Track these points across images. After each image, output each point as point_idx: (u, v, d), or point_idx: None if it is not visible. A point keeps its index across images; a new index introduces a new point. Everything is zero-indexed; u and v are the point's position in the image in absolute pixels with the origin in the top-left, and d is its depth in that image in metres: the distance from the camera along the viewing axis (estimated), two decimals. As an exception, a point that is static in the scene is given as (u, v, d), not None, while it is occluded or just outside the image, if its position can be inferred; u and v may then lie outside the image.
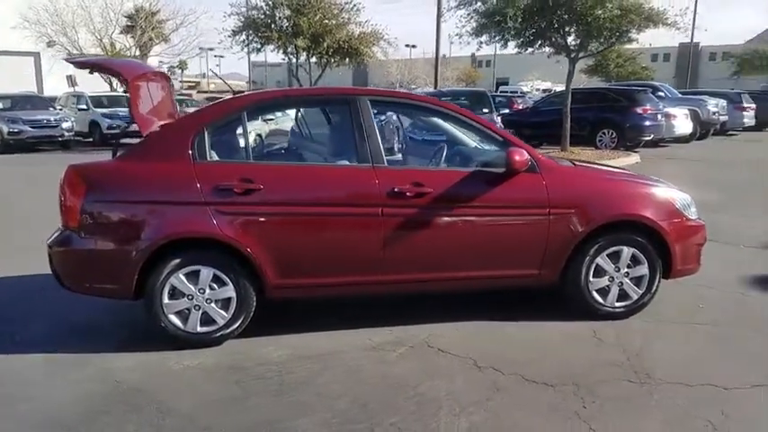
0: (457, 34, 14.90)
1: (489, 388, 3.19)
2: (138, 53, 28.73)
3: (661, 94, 19.21)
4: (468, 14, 14.43)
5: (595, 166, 4.85)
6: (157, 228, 3.58)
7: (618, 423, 2.85)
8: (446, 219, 3.83)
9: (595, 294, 4.08)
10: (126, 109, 19.91)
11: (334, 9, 19.84)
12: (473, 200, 3.84)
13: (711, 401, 3.04)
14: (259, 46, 20.86)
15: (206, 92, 50.10)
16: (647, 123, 15.57)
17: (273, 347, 3.74)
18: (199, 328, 3.73)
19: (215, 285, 3.70)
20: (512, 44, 14.76)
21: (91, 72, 4.20)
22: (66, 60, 4.13)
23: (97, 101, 20.62)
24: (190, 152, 3.66)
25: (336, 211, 3.74)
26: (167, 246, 3.59)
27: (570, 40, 14.04)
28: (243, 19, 20.24)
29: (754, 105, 22.38)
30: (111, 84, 25.99)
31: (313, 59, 20.81)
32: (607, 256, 4.04)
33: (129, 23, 29.41)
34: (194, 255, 3.67)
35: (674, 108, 17.46)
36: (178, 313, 3.70)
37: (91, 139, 19.79)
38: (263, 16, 20.00)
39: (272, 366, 3.49)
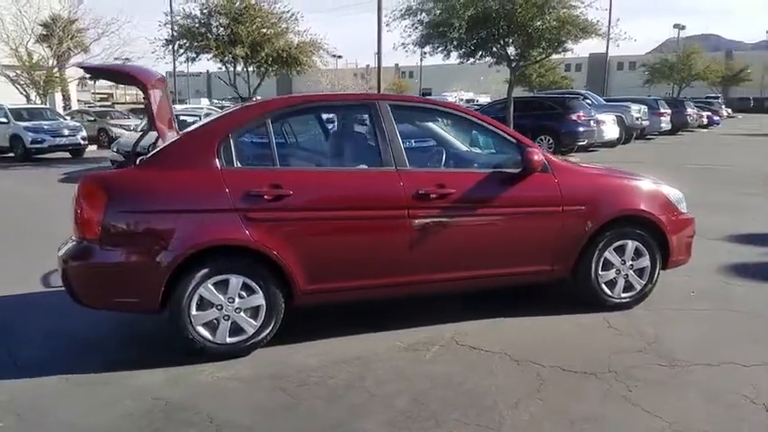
0: (402, 44, 15.21)
1: (534, 380, 3.31)
2: (55, 63, 27.26)
3: (589, 101, 20.31)
4: (413, 24, 14.76)
5: (596, 164, 5.10)
6: (186, 237, 3.48)
7: (665, 403, 3.03)
8: (468, 219, 3.94)
9: (604, 287, 4.30)
10: (51, 122, 19.02)
11: (273, 18, 19.68)
12: (493, 200, 3.97)
13: (738, 378, 3.29)
14: (194, 55, 20.36)
15: (122, 103, 48.08)
16: (582, 129, 16.41)
17: (305, 354, 3.71)
18: (228, 339, 3.65)
19: (244, 294, 3.63)
20: (454, 54, 15.21)
21: (94, 79, 4.02)
22: (79, 66, 3.92)
23: (17, 113, 19.38)
24: (216, 159, 3.59)
25: (364, 214, 3.76)
26: (195, 255, 3.50)
27: (510, 50, 14.63)
28: (177, 28, 19.71)
29: (669, 111, 24.06)
30: (27, 96, 24.59)
31: (251, 68, 20.53)
32: (614, 249, 4.27)
33: (45, 32, 27.86)
34: (223, 263, 3.58)
35: (602, 114, 18.49)
36: (206, 324, 3.60)
37: (12, 155, 18.57)
38: (197, 25, 19.56)
39: (312, 372, 3.46)
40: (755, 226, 7.17)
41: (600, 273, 4.27)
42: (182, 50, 20.02)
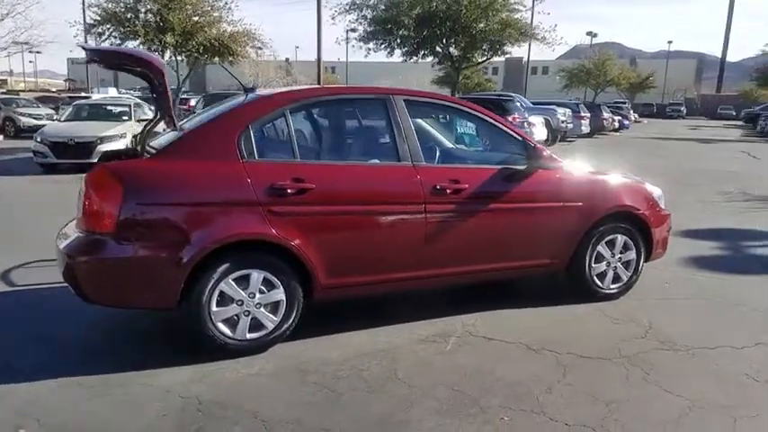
0: (344, 39, 15.19)
1: (558, 367, 3.47)
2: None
3: (518, 104, 21.07)
4: (357, 19, 14.78)
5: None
6: (210, 231, 3.37)
7: (681, 384, 3.27)
8: (480, 214, 4.05)
9: (596, 279, 4.56)
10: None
11: (206, 5, 19.07)
12: (502, 195, 4.11)
13: (736, 359, 3.61)
14: (119, 41, 19.35)
15: (20, 91, 44.63)
16: (517, 130, 16.96)
17: (322, 348, 3.70)
18: (248, 335, 3.57)
19: (265, 289, 3.57)
20: (398, 52, 15.37)
21: (92, 63, 3.79)
22: (82, 47, 3.66)
23: None
24: (237, 150, 3.50)
25: (383, 209, 3.78)
26: (218, 249, 3.40)
27: (453, 50, 14.97)
28: (100, 11, 18.67)
29: (589, 114, 25.38)
30: None
31: (181, 57, 19.79)
32: (605, 243, 4.53)
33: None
34: (246, 258, 3.50)
35: (532, 116, 19.24)
36: (226, 320, 3.51)
37: None
38: (123, 9, 18.62)
39: (339, 366, 3.46)
40: (699, 222, 7.77)
41: (593, 265, 4.51)
42: (105, 36, 19.04)
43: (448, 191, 3.90)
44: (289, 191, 3.52)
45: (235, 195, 3.45)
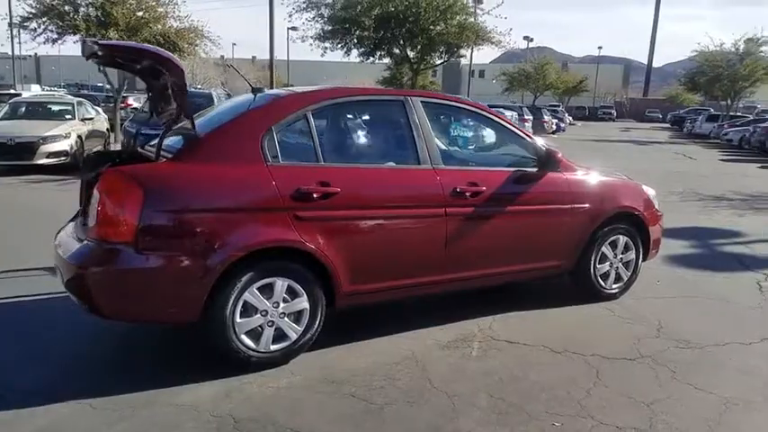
0: (300, 38, 14.95)
1: (588, 369, 3.48)
2: None
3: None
4: (314, 18, 14.58)
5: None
6: (235, 237, 3.19)
7: (709, 380, 3.35)
8: (496, 216, 4.03)
9: (600, 279, 4.63)
10: None
11: (151, 0, 18.30)
12: (517, 197, 4.11)
13: (747, 354, 3.74)
14: (56, 36, 18.30)
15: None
16: (470, 131, 17.23)
17: (349, 357, 3.59)
18: (272, 346, 3.41)
19: (288, 297, 3.41)
20: (354, 52, 15.26)
21: (102, 63, 3.51)
22: (94, 42, 3.36)
23: None
24: (261, 153, 3.33)
25: (406, 212, 3.70)
26: (243, 257, 3.22)
27: (410, 52, 15.00)
28: (36, 4, 17.57)
29: (531, 117, 26.07)
30: None
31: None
32: (608, 244, 4.61)
33: None
34: (270, 265, 3.33)
35: (483, 118, 19.54)
36: (249, 332, 3.33)
37: None
38: (62, 2, 17.60)
39: (371, 375, 3.35)
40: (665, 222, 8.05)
41: (597, 266, 4.58)
42: (39, 30, 17.96)
43: (467, 193, 3.86)
44: (315, 195, 3.38)
45: (261, 200, 3.28)
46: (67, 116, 13.38)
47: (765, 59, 30.49)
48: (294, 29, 51.54)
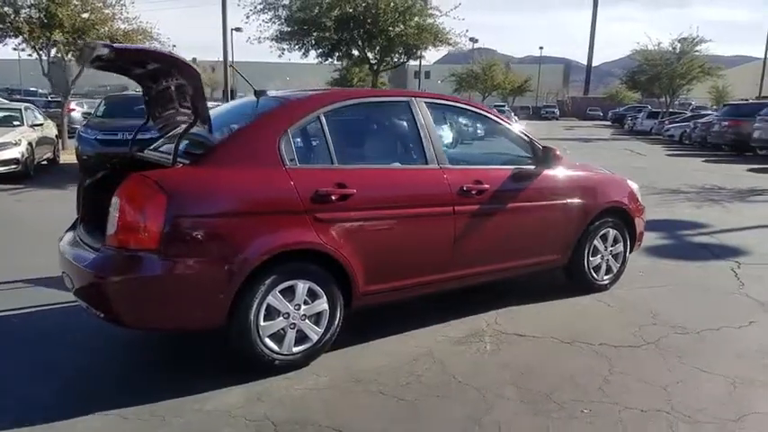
0: (257, 39, 14.77)
1: (600, 358, 3.63)
2: None
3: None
4: (270, 19, 14.44)
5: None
6: (259, 241, 3.18)
7: (713, 363, 3.55)
8: (500, 213, 4.14)
9: (592, 272, 4.81)
10: None
11: (96, 1, 17.68)
12: (518, 194, 4.23)
13: (740, 338, 3.97)
14: (-6, 38, 17.43)
15: None
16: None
17: (366, 356, 3.63)
18: (294, 348, 3.41)
19: (309, 299, 3.42)
20: (312, 53, 15.19)
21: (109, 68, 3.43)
22: (106, 45, 3.24)
23: None
24: (279, 156, 3.32)
25: (417, 212, 3.76)
26: (266, 261, 3.21)
27: (369, 53, 15.05)
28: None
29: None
30: None
31: (69, 56, 18.20)
32: (599, 237, 4.80)
33: None
34: (291, 268, 3.33)
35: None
36: (272, 335, 3.33)
37: None
38: (1, 3, 16.80)
39: (395, 373, 3.39)
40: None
41: (590, 259, 4.77)
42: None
43: (473, 192, 3.96)
44: (332, 197, 3.40)
45: (282, 203, 3.28)
46: (15, 122, 12.80)
47: (700, 58, 32.07)
48: (238, 29, 50.76)
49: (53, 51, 17.91)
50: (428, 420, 2.91)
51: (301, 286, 3.36)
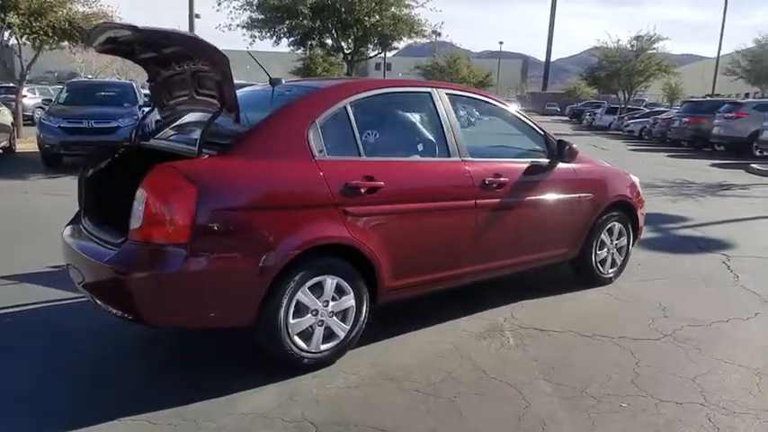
0: (227, 25, 14.40)
1: (621, 350, 3.65)
2: None
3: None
4: (242, 6, 14.09)
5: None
6: (291, 235, 3.05)
7: (729, 353, 3.62)
8: (519, 207, 4.12)
9: (599, 265, 4.85)
10: None
11: (52, -18, 16.87)
12: (535, 188, 4.22)
13: (749, 329, 4.07)
14: (-58, 19, 16.44)
15: None
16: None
17: (391, 353, 3.55)
18: (321, 346, 3.30)
19: (336, 296, 3.32)
20: (284, 42, 14.91)
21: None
22: (134, 28, 3.01)
23: None
24: (308, 148, 3.20)
25: (442, 205, 3.70)
26: (297, 256, 3.09)
27: (343, 43, 14.86)
28: None
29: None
30: None
31: (24, 39, 17.35)
32: (606, 231, 4.84)
33: None
34: (321, 264, 3.22)
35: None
36: (301, 333, 3.21)
37: None
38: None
39: (425, 370, 3.33)
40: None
41: (597, 252, 4.80)
42: None
43: (493, 185, 3.92)
44: (361, 190, 3.29)
45: (312, 196, 3.16)
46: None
47: (658, 56, 32.99)
48: (197, 16, 49.40)
49: (6, 34, 17.06)
50: (471, 419, 2.85)
51: (330, 282, 3.26)
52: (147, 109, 13.05)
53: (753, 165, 13.90)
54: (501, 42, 76.25)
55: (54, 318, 3.98)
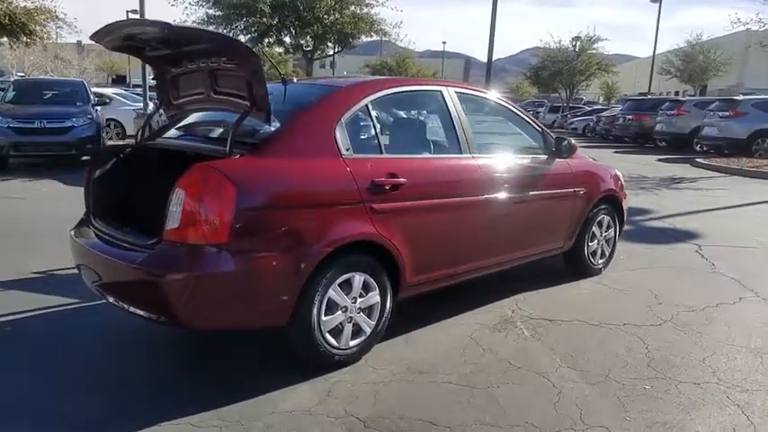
0: (183, 21, 14.02)
1: (629, 336, 3.82)
2: None
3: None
4: (198, 2, 13.79)
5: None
6: (322, 233, 3.06)
7: (727, 336, 3.85)
8: (523, 202, 4.24)
9: (590, 256, 5.04)
10: None
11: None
12: (537, 183, 4.36)
13: (738, 313, 4.32)
14: None
15: None
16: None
17: (412, 348, 3.60)
18: (350, 342, 3.32)
19: (363, 292, 3.34)
20: (243, 39, 14.64)
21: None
22: (165, 26, 2.89)
23: None
24: (336, 146, 3.21)
25: (457, 201, 3.77)
26: (330, 253, 3.10)
27: (302, 41, 14.75)
28: None
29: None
30: None
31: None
32: (596, 224, 5.04)
33: None
34: (349, 261, 3.23)
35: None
36: (332, 330, 3.22)
37: None
38: None
39: (451, 362, 3.39)
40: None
41: (589, 244, 4.99)
42: None
43: (501, 181, 4.02)
44: (386, 187, 3.33)
45: (343, 194, 3.17)
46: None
47: (597, 56, 34.27)
48: (134, 11, 47.78)
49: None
50: (511, 408, 2.92)
51: (357, 279, 3.28)
52: (99, 108, 12.76)
53: (698, 159, 14.68)
54: (444, 42, 77.30)
55: (58, 325, 3.82)
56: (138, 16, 15.46)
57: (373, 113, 3.47)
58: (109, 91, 18.66)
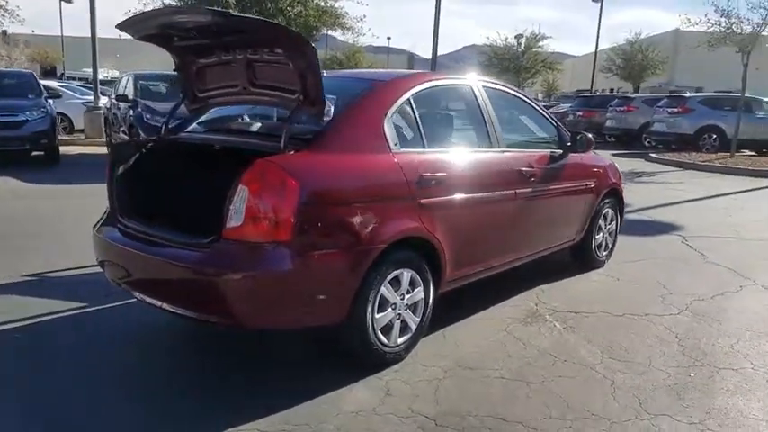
0: (140, 12, 13.44)
1: (655, 326, 3.92)
2: None
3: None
4: (156, -7, 13.26)
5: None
6: (377, 229, 2.99)
7: (743, 322, 4.02)
8: (547, 196, 4.29)
9: (596, 249, 5.16)
10: None
11: None
12: (557, 177, 4.41)
13: (743, 300, 4.52)
14: None
15: None
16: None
17: (451, 344, 3.57)
18: (398, 340, 3.27)
19: (410, 288, 3.29)
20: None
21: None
22: (225, 15, 2.70)
23: None
24: (385, 142, 3.15)
25: (493, 196, 3.77)
26: (384, 249, 3.03)
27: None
28: None
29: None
30: None
31: None
32: (602, 217, 5.15)
33: None
34: (399, 257, 3.17)
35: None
36: (383, 327, 3.16)
37: None
38: None
39: (490, 358, 3.38)
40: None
41: (595, 237, 5.10)
42: None
43: (528, 175, 4.05)
44: (432, 182, 3.29)
45: (395, 189, 3.12)
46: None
47: (542, 54, 35.15)
48: (69, 1, 45.42)
49: None
50: (573, 400, 2.93)
51: (406, 275, 3.23)
52: (52, 101, 12.06)
53: (652, 154, 15.30)
54: (389, 38, 77.28)
55: (76, 330, 3.59)
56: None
57: (415, 107, 3.41)
58: (54, 83, 17.70)
